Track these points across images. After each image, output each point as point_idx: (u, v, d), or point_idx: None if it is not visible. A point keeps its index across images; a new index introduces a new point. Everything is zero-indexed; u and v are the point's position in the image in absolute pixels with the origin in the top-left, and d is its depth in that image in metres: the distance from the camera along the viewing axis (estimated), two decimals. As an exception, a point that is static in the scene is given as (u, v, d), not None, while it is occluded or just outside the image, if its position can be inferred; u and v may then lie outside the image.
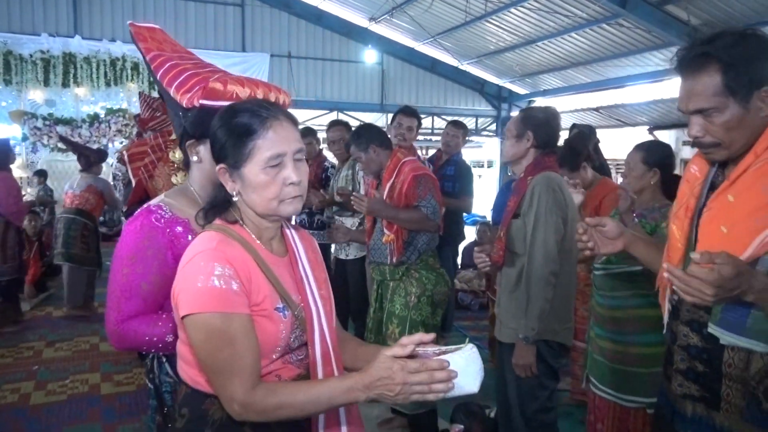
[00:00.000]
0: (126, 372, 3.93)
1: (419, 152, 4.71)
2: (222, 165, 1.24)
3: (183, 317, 1.16)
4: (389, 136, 3.29)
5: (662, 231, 1.97)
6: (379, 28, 12.68)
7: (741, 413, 1.37)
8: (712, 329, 1.37)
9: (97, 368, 3.99)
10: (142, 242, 1.43)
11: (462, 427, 2.73)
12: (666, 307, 1.51)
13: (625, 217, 2.34)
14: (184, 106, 1.46)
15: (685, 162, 12.37)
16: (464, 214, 4.93)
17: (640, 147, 2.39)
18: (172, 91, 1.48)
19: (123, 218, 7.03)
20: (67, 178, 10.33)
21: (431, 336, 1.13)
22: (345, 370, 1.32)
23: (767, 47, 1.32)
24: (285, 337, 1.21)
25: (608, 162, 4.26)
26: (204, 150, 1.48)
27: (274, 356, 1.21)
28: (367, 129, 3.13)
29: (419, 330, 2.81)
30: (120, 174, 6.42)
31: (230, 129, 1.21)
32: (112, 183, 6.08)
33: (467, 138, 4.77)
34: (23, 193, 6.12)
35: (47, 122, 10.10)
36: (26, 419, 3.24)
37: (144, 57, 1.61)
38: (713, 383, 1.41)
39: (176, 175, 2.61)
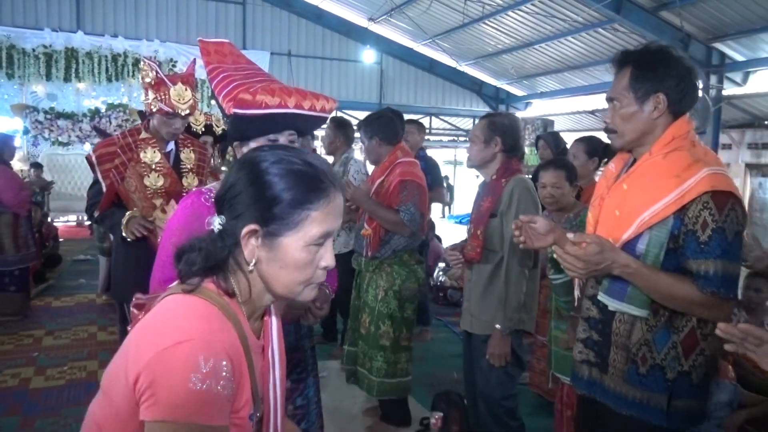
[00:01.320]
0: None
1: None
2: (253, 226, 0.98)
3: (150, 421, 0.89)
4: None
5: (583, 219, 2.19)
6: (379, 28, 12.81)
7: (623, 376, 1.61)
8: (601, 297, 1.64)
9: (95, 356, 4.12)
10: (189, 217, 1.54)
11: (442, 414, 2.87)
12: (577, 285, 1.82)
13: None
14: (226, 112, 1.54)
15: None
16: (442, 209, 5.05)
17: (581, 140, 3.04)
18: (221, 99, 1.57)
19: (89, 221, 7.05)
20: (68, 172, 10.51)
21: None
22: None
23: (673, 64, 1.59)
24: None
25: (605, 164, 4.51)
26: (246, 150, 1.57)
27: None
28: (377, 119, 3.12)
29: (386, 322, 2.95)
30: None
31: (278, 188, 0.99)
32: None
33: (424, 133, 4.91)
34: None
35: (48, 116, 10.23)
36: (26, 402, 3.38)
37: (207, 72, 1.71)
38: (604, 350, 1.66)
39: (148, 176, 2.62)
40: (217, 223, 1.02)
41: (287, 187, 0.98)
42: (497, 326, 2.34)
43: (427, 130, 14.07)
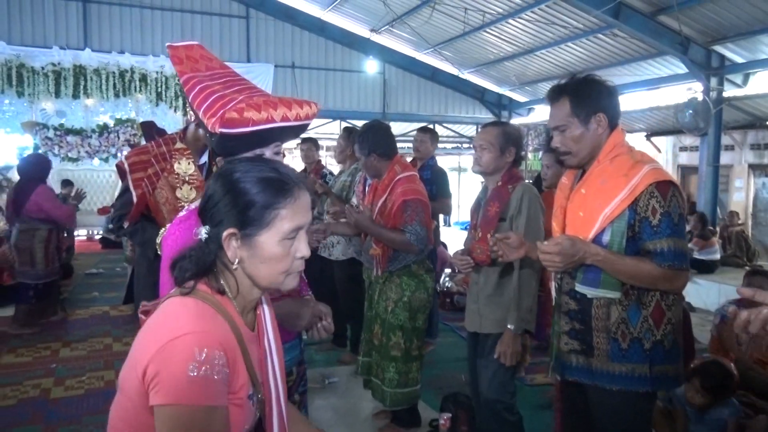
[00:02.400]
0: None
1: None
2: (231, 230, 1.12)
3: (158, 405, 1.02)
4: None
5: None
6: (381, 38, 12.96)
7: (608, 355, 1.84)
8: (579, 288, 1.88)
9: (112, 366, 4.23)
10: (188, 232, 1.51)
11: (450, 415, 2.95)
12: (554, 285, 2.02)
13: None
14: (209, 129, 1.51)
15: (682, 167, 12.53)
16: (446, 216, 5.14)
17: (551, 151, 3.18)
18: (200, 114, 1.55)
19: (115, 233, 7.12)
20: (77, 186, 10.67)
21: None
22: None
23: (600, 87, 1.91)
24: (249, 422, 1.18)
25: None
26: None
27: None
28: (373, 134, 3.08)
29: (397, 333, 3.01)
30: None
31: (248, 194, 1.12)
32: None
33: (437, 142, 4.94)
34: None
35: (58, 132, 10.40)
36: (47, 410, 3.49)
37: (179, 80, 1.66)
38: (587, 336, 1.88)
39: (180, 188, 2.51)
40: (203, 232, 1.15)
41: (257, 191, 1.12)
42: (510, 326, 2.42)
43: (431, 138, 14.22)
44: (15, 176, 7.15)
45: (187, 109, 2.58)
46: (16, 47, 10.11)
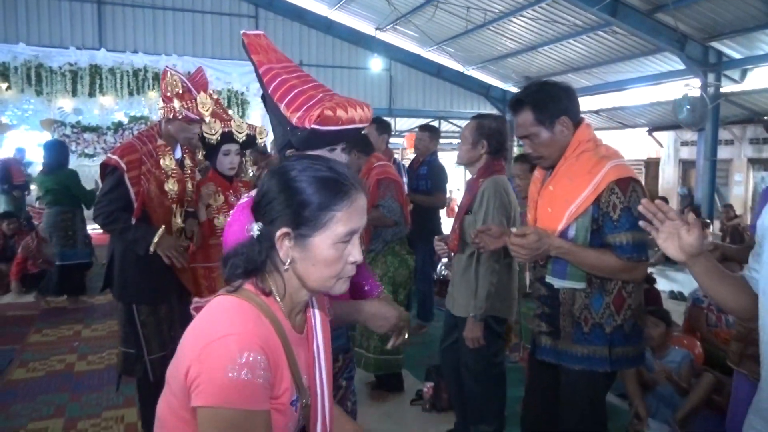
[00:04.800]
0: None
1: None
2: (286, 229, 1.09)
3: (199, 407, 1.01)
4: None
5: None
6: (386, 36, 13.24)
7: (572, 338, 2.01)
8: (548, 279, 2.03)
9: (129, 345, 4.59)
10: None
11: (433, 384, 3.27)
12: (528, 272, 2.22)
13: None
14: (294, 124, 1.54)
15: (683, 161, 12.68)
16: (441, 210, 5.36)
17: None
18: (282, 108, 1.57)
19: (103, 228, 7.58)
20: (93, 182, 11.06)
21: None
22: None
23: (558, 91, 2.00)
24: (291, 428, 1.16)
25: None
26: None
27: None
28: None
29: None
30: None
31: (305, 194, 1.09)
32: None
33: (437, 139, 5.15)
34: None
35: (75, 129, 10.80)
36: (72, 381, 3.86)
37: (256, 68, 1.69)
38: (555, 320, 2.04)
39: (167, 182, 2.69)
40: (255, 229, 1.12)
41: (314, 191, 1.08)
42: (471, 314, 2.63)
43: (437, 134, 14.48)
44: (36, 169, 7.61)
45: (161, 105, 2.72)
46: (34, 48, 10.49)
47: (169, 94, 2.70)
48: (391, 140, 5.45)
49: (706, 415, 3.13)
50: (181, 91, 2.69)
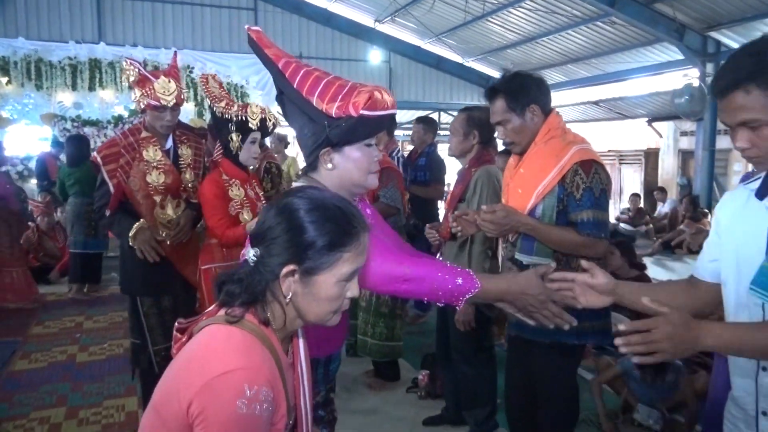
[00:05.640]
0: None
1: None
2: (293, 266, 1.09)
3: None
4: None
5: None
6: (386, 28, 13.22)
7: None
8: (517, 255, 2.18)
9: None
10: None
11: (428, 371, 3.33)
12: (500, 252, 2.34)
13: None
14: (333, 115, 1.46)
15: (683, 152, 12.66)
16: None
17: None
18: (314, 101, 1.47)
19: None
20: (95, 176, 11.14)
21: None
22: None
23: (530, 82, 2.17)
24: None
25: (610, 153, 4.68)
26: (338, 157, 1.51)
27: None
28: None
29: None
30: None
31: (318, 235, 1.09)
32: None
33: (436, 131, 5.16)
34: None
35: (75, 124, 10.81)
36: (74, 371, 3.95)
37: (272, 63, 1.58)
38: None
39: (150, 174, 2.68)
40: (251, 254, 1.11)
41: (322, 233, 1.08)
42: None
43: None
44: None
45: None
46: (34, 42, 10.52)
47: (130, 85, 2.71)
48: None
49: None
50: (137, 80, 2.66)
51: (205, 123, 6.40)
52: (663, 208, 11.03)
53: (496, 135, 2.87)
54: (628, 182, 13.72)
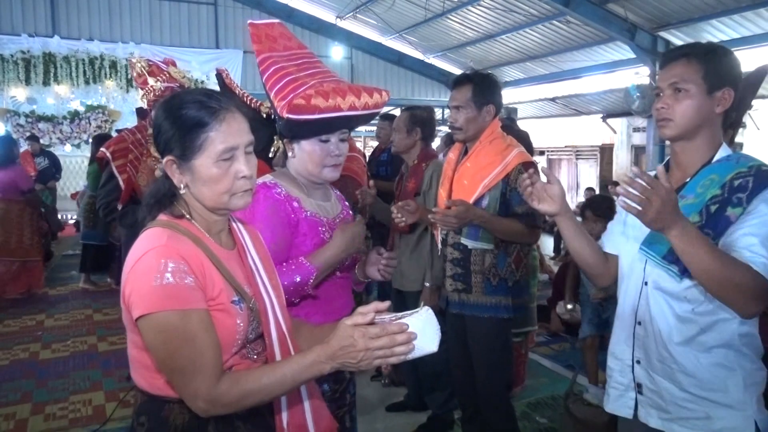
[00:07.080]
0: (119, 334, 4.55)
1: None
2: (169, 157, 1.20)
3: (137, 318, 1.12)
4: None
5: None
6: (347, 24, 13.27)
7: (482, 291, 2.42)
8: (464, 240, 2.41)
9: (94, 332, 4.63)
10: (268, 210, 1.58)
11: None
12: (439, 239, 2.55)
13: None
14: (278, 113, 1.56)
15: (635, 147, 13.10)
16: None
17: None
18: (271, 96, 1.58)
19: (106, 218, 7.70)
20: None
21: (386, 304, 1.15)
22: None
23: (495, 84, 2.44)
24: (243, 330, 1.21)
25: (567, 148, 4.85)
26: (297, 149, 1.67)
27: (233, 350, 1.21)
28: None
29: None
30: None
31: (178, 121, 1.18)
32: None
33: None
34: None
35: (29, 119, 10.56)
36: (38, 369, 3.91)
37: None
38: (467, 278, 2.44)
39: (158, 170, 2.87)
40: (158, 168, 1.26)
41: (176, 122, 1.18)
42: (427, 284, 2.88)
43: (399, 121, 14.62)
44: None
45: (143, 95, 2.73)
46: (-16, 35, 10.21)
47: (137, 76, 2.74)
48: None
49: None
50: (149, 69, 2.72)
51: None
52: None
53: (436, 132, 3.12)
54: (585, 176, 14.16)
